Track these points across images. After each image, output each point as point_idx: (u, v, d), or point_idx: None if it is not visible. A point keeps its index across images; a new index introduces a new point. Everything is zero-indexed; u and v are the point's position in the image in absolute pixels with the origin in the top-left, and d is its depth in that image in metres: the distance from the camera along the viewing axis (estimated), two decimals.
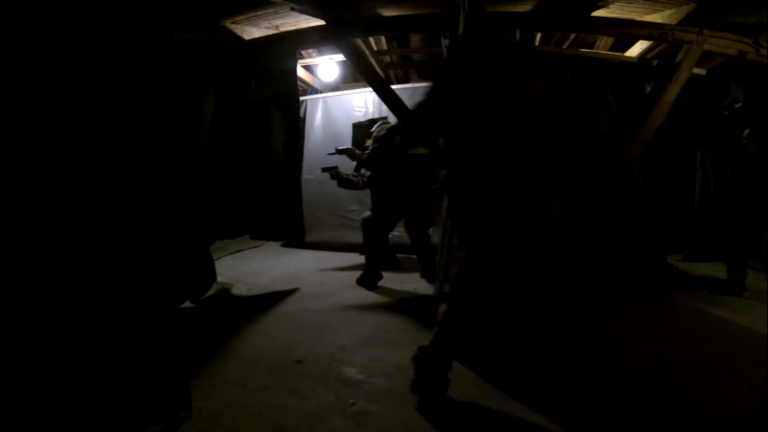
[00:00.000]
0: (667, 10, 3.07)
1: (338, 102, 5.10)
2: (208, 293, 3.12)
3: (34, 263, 1.28)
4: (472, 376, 1.93)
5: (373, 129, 3.55)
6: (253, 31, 3.38)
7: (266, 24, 3.31)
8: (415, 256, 3.65)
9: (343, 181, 3.60)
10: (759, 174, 3.10)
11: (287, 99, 3.43)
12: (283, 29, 3.41)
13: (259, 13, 3.07)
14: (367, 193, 4.64)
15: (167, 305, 1.60)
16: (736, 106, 3.30)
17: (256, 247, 5.04)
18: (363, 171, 3.59)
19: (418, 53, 5.58)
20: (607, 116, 3.43)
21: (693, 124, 3.63)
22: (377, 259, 3.43)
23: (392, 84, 4.91)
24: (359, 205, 4.86)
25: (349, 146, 3.75)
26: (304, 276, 3.76)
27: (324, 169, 3.61)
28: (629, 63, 3.57)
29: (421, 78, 5.99)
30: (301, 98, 5.06)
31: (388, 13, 3.24)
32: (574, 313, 2.75)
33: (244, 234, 3.53)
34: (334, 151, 3.73)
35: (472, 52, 1.83)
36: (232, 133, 3.23)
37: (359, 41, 4.13)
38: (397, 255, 4.21)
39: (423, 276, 3.58)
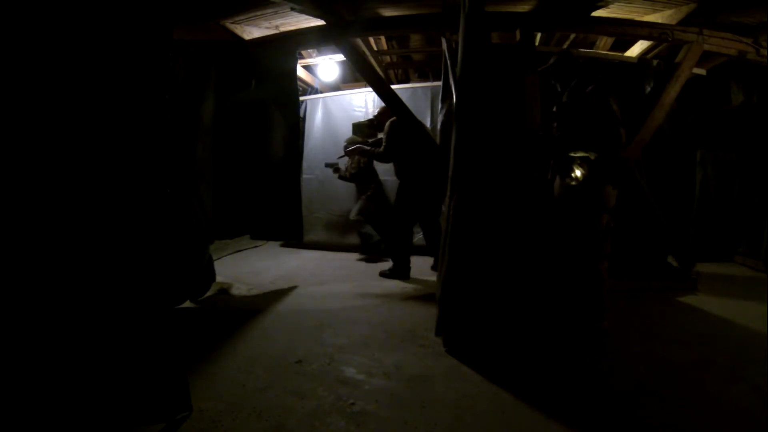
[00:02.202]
0: (667, 10, 3.07)
1: (338, 102, 5.10)
2: (208, 293, 3.12)
3: (35, 263, 1.28)
4: (475, 376, 1.93)
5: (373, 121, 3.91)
6: (253, 31, 3.38)
7: (266, 24, 3.31)
8: (411, 257, 3.66)
9: (336, 169, 4.20)
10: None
11: (287, 99, 3.43)
12: (283, 29, 3.41)
13: (259, 13, 3.07)
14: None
15: (167, 305, 1.60)
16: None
17: (256, 247, 5.04)
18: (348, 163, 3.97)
19: (418, 53, 5.58)
20: None
21: (692, 124, 3.65)
22: (406, 249, 3.60)
23: (392, 84, 4.92)
24: None
25: (357, 145, 3.81)
26: (303, 276, 3.76)
27: (327, 165, 4.03)
28: (629, 63, 3.57)
29: (421, 78, 6.00)
30: (301, 98, 5.06)
31: (388, 13, 3.25)
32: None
33: (244, 234, 3.53)
34: (343, 154, 3.92)
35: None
36: (232, 133, 3.23)
37: (359, 41, 4.14)
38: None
39: (434, 268, 3.58)
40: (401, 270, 3.59)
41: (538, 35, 3.76)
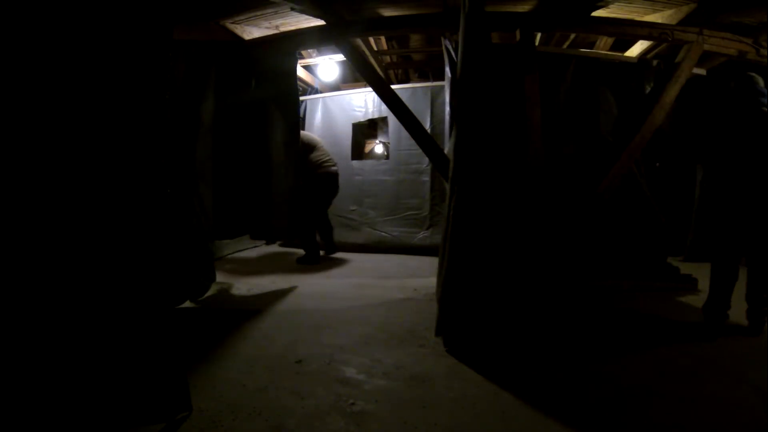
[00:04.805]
0: (667, 10, 3.07)
1: (338, 102, 5.10)
2: (208, 293, 3.12)
3: (35, 263, 1.28)
4: (475, 376, 1.94)
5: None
6: (253, 31, 3.38)
7: (266, 24, 3.31)
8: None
9: None
10: None
11: (287, 99, 3.43)
12: (283, 29, 3.41)
13: (259, 13, 3.07)
14: (367, 193, 4.71)
15: (167, 305, 1.60)
16: None
17: (256, 247, 5.04)
18: None
19: (418, 53, 5.58)
20: (607, 116, 3.43)
21: (692, 124, 3.64)
22: (314, 238, 4.33)
23: (392, 84, 4.92)
24: (358, 205, 4.87)
25: None
26: (303, 275, 3.77)
27: None
28: (629, 63, 3.57)
29: (421, 78, 6.00)
30: (301, 98, 5.06)
31: (388, 13, 3.24)
32: (573, 313, 2.75)
33: (244, 234, 3.53)
34: None
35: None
36: (232, 133, 3.23)
37: (359, 41, 4.14)
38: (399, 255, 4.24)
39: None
40: (311, 257, 4.28)
41: (538, 35, 3.75)
